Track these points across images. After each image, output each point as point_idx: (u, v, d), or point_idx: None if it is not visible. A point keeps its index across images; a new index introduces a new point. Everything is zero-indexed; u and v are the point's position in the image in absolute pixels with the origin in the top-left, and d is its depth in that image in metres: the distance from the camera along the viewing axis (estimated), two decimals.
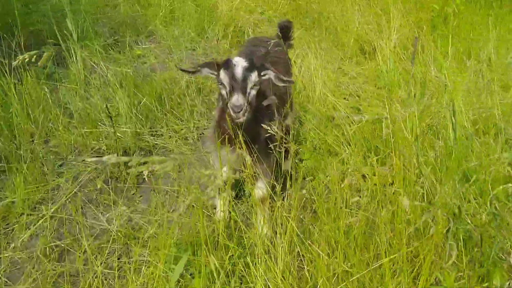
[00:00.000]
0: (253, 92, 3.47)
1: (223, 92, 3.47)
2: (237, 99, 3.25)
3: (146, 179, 4.76)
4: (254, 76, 3.42)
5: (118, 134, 5.22)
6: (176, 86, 6.12)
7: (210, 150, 4.22)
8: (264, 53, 4.43)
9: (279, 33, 5.05)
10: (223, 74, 3.42)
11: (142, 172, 4.76)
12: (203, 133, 5.50)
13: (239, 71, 3.37)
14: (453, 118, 3.61)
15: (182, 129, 5.62)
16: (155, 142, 5.38)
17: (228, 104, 3.33)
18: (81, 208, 4.40)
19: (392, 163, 4.80)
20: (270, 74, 3.61)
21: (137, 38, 8.29)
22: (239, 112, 3.25)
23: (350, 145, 5.25)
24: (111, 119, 5.03)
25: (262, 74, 3.54)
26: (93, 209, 4.39)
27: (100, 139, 5.31)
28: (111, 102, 5.88)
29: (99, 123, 5.50)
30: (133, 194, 4.65)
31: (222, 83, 3.44)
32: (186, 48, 7.92)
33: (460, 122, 5.09)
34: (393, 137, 4.94)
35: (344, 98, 6.70)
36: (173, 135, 5.52)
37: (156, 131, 5.57)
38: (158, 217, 4.14)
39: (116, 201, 4.47)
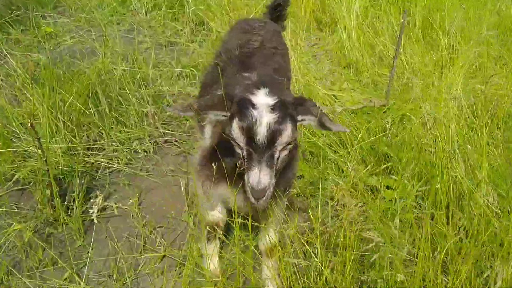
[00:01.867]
0: (284, 154, 2.31)
1: (237, 150, 2.34)
2: (259, 179, 2.13)
3: (96, 220, 3.43)
4: (288, 132, 2.22)
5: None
6: (113, 80, 4.67)
7: (199, 187, 3.01)
8: (259, 45, 3.22)
9: (270, 12, 3.81)
10: (237, 129, 2.23)
11: (89, 211, 3.51)
12: (189, 153, 4.15)
13: (264, 129, 2.17)
14: None
15: (129, 139, 4.26)
16: (97, 160, 4.00)
17: (245, 180, 2.25)
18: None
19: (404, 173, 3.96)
20: (310, 120, 2.43)
21: (43, 11, 6.54)
22: (261, 198, 2.18)
23: (345, 147, 4.29)
24: (34, 130, 3.56)
25: (299, 120, 2.37)
26: (19, 277, 3.01)
27: (17, 161, 3.83)
28: (22, 105, 4.35)
29: (12, 139, 3.98)
30: (80, 246, 3.32)
31: (235, 141, 2.29)
32: (109, 23, 6.36)
33: None
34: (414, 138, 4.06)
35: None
36: (118, 148, 4.16)
37: (94, 144, 4.16)
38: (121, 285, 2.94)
39: (56, 261, 3.13)
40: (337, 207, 3.84)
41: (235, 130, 2.22)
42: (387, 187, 3.93)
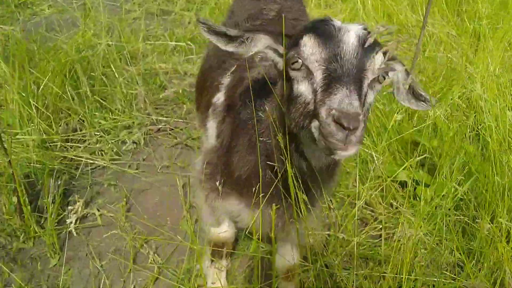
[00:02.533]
0: (372, 96, 1.62)
1: (301, 87, 1.57)
2: (350, 99, 1.40)
3: (74, 232, 2.83)
4: (379, 61, 1.55)
5: (14, 148, 3.14)
6: (96, 56, 3.98)
7: (200, 201, 2.38)
8: (276, 15, 2.54)
9: None
10: (311, 45, 1.55)
11: (66, 220, 2.90)
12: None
13: (351, 44, 1.51)
14: None
15: (115, 127, 3.61)
16: (77, 155, 3.35)
17: (321, 112, 1.44)
18: None
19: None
20: (398, 69, 1.76)
21: None
22: (353, 130, 1.37)
23: (368, 134, 3.66)
24: None
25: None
26: None
27: None
28: None
29: None
30: (55, 265, 2.71)
31: (303, 66, 1.55)
32: None
33: None
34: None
35: None
36: (102, 139, 3.51)
37: (74, 134, 3.51)
38: None
39: (26, 285, 2.54)
40: (363, 209, 3.24)
41: (307, 46, 1.54)
42: (417, 183, 3.34)
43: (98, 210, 2.98)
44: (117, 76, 3.87)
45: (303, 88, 1.55)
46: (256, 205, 1.93)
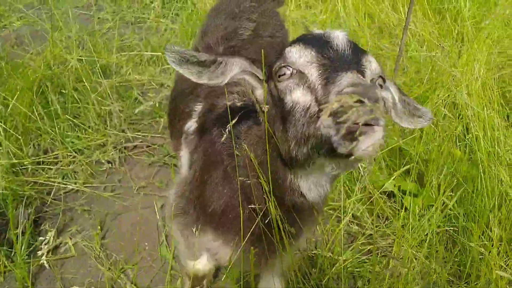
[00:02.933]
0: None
1: (295, 94, 1.37)
2: (358, 77, 1.22)
3: (47, 265, 2.67)
4: (374, 65, 1.39)
5: None
6: (66, 70, 3.80)
7: (175, 235, 2.23)
8: (251, 35, 2.39)
9: None
10: (297, 50, 1.39)
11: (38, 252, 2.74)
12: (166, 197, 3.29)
13: (341, 39, 1.38)
14: None
15: (89, 146, 3.44)
16: (48, 178, 3.18)
17: (331, 101, 1.22)
18: None
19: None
20: (391, 90, 1.62)
21: None
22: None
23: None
24: None
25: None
26: None
27: None
28: None
29: None
30: None
31: (293, 71, 1.38)
32: None
33: None
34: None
35: None
36: (75, 159, 3.34)
37: (45, 157, 3.34)
38: None
39: None
40: (350, 224, 3.12)
41: (294, 52, 1.38)
42: (404, 192, 3.23)
43: (71, 239, 2.82)
44: (90, 92, 3.69)
45: (298, 94, 1.35)
46: (235, 243, 1.80)
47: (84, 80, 3.75)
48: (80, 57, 3.96)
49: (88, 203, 3.09)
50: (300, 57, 1.35)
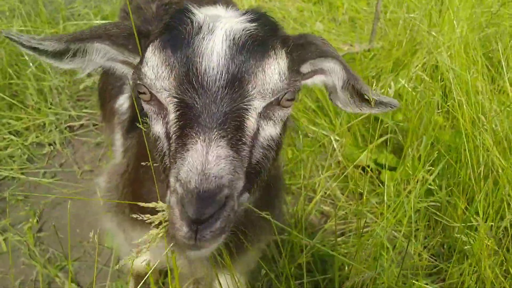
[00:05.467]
0: (273, 130, 1.11)
1: (156, 127, 1.11)
2: (206, 164, 0.92)
3: None
4: (277, 72, 1.04)
5: None
6: (2, 45, 3.37)
7: (111, 229, 1.89)
8: None
9: None
10: (155, 62, 1.03)
11: None
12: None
13: (216, 54, 1.00)
14: None
15: (27, 128, 3.05)
16: None
17: (170, 180, 1.00)
18: None
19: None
20: (332, 73, 1.25)
21: None
22: (205, 221, 0.90)
23: (326, 114, 3.22)
24: None
25: (306, 73, 1.23)
26: None
27: None
28: None
29: None
30: None
31: (152, 97, 1.07)
32: None
33: None
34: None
35: None
36: (12, 143, 2.96)
37: None
38: None
39: None
40: (321, 204, 2.81)
41: (150, 65, 1.04)
42: (382, 166, 2.91)
43: (2, 234, 2.46)
44: (30, 66, 3.28)
45: (158, 129, 1.09)
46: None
47: (24, 54, 3.34)
48: (21, 28, 3.53)
49: (24, 191, 2.72)
50: (157, 78, 1.02)
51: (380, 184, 2.87)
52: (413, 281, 2.07)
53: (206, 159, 0.91)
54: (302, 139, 3.00)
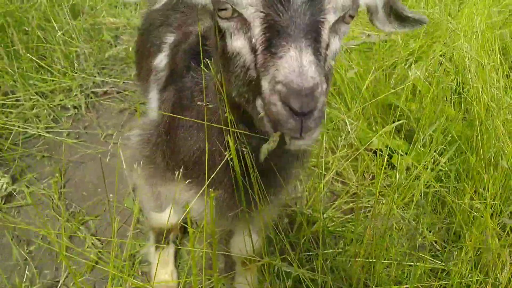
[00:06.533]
0: (337, 43, 1.22)
1: (236, 43, 1.16)
2: (302, 67, 1.01)
3: None
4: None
5: None
6: (32, 8, 3.46)
7: (139, 183, 1.99)
8: None
9: None
10: None
11: None
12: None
13: None
14: None
15: (54, 90, 3.16)
16: (8, 121, 2.90)
17: (263, 84, 1.07)
18: None
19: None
20: None
21: None
22: (308, 114, 1.01)
23: (341, 96, 3.31)
24: None
25: None
26: None
27: None
28: None
29: None
30: None
31: (235, 12, 1.13)
32: None
33: None
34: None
35: None
36: (39, 103, 3.06)
37: (6, 99, 3.05)
38: None
39: None
40: (333, 181, 2.91)
41: None
42: (393, 151, 3.00)
43: (28, 187, 2.57)
44: (57, 31, 3.37)
45: (239, 45, 1.14)
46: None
47: (52, 20, 3.43)
48: None
49: (50, 149, 2.83)
50: None
51: (391, 168, 2.96)
52: (420, 254, 2.17)
53: (301, 63, 1.02)
54: None
